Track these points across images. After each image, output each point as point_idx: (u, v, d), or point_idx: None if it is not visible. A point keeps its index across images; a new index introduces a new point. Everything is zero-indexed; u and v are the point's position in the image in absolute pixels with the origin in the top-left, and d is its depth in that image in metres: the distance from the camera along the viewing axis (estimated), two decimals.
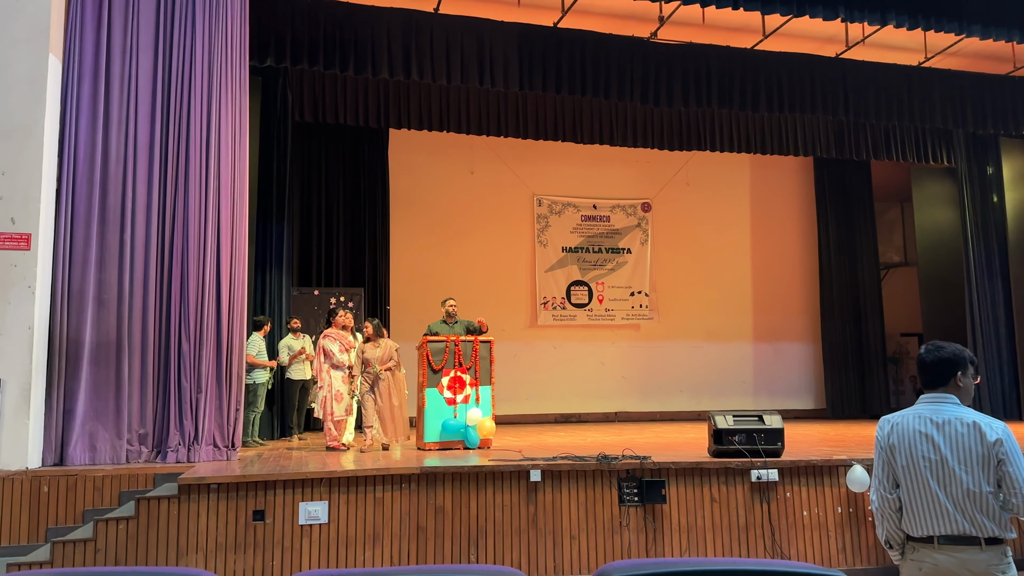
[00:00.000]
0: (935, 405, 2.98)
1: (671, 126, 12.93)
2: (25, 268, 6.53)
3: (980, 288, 13.15)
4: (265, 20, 9.19)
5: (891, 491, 3.01)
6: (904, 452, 2.97)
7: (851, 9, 9.43)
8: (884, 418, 3.13)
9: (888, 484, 3.02)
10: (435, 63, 10.00)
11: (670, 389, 14.32)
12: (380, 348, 8.22)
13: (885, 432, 3.06)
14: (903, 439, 2.98)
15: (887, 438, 3.04)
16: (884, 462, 3.04)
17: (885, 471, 3.04)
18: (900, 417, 3.04)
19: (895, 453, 2.99)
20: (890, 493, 3.01)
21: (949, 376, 2.98)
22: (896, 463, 2.99)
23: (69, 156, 6.96)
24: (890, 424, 3.06)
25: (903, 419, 3.02)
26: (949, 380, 2.99)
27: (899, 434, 3.00)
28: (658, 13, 10.44)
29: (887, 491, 3.02)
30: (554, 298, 14.26)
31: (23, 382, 6.42)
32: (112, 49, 7.20)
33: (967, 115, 12.07)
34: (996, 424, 2.91)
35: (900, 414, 3.06)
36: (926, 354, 3.03)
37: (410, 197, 13.54)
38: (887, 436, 3.04)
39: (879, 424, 3.13)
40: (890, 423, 3.06)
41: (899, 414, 3.06)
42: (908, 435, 2.97)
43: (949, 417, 2.93)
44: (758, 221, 15.35)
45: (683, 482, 6.39)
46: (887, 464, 3.03)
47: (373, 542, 5.91)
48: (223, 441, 7.11)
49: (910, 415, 3.02)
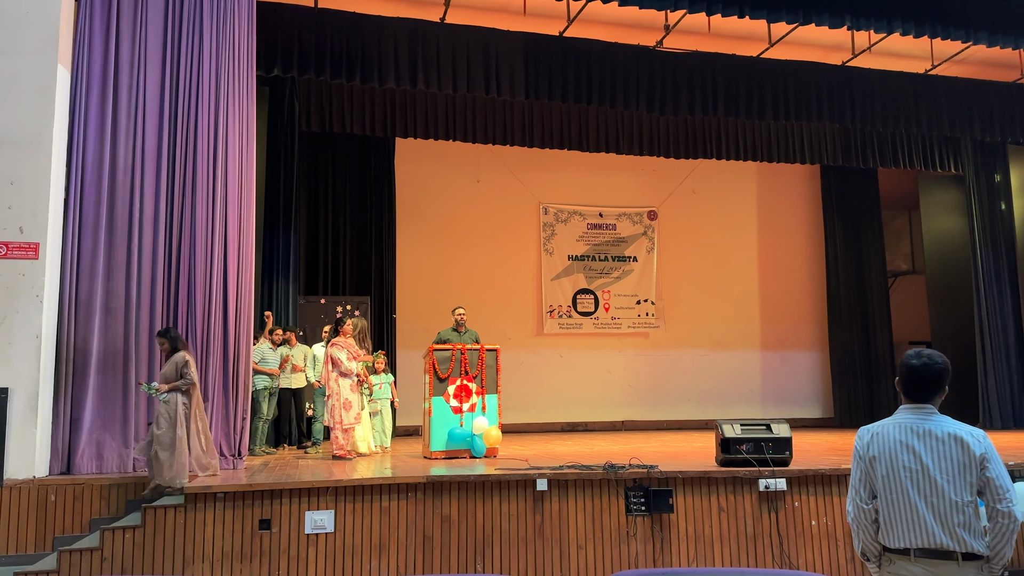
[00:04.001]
0: (917, 415, 2.96)
1: (677, 134, 12.93)
2: (33, 277, 6.56)
3: (988, 296, 13.08)
4: (272, 30, 9.24)
5: (867, 501, 2.98)
6: (884, 462, 2.93)
7: (857, 17, 9.42)
8: (864, 428, 3.09)
9: (865, 494, 2.99)
10: (441, 72, 10.03)
11: (677, 398, 14.27)
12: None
13: (864, 442, 3.02)
14: (883, 449, 2.94)
15: (867, 448, 3.00)
16: (863, 472, 3.00)
17: (863, 481, 3.00)
18: (880, 427, 3.01)
19: (875, 463, 2.96)
20: (866, 504, 2.98)
21: (939, 390, 2.97)
22: (875, 473, 2.96)
23: (77, 166, 7.00)
24: (870, 434, 3.02)
25: (883, 429, 2.99)
26: (937, 394, 2.97)
27: (879, 444, 2.96)
28: (664, 22, 10.47)
29: (863, 501, 2.99)
30: (560, 306, 14.24)
31: (31, 391, 6.44)
32: (120, 60, 7.24)
33: (974, 122, 12.05)
34: (977, 432, 2.89)
35: (880, 424, 3.02)
36: (922, 367, 2.97)
37: (416, 206, 13.56)
38: (867, 446, 3.01)
39: (858, 433, 3.09)
40: (870, 432, 3.03)
41: (879, 424, 3.03)
42: (889, 445, 2.94)
43: (930, 427, 2.91)
44: (765, 229, 15.32)
45: (690, 491, 6.35)
46: (866, 474, 2.99)
47: (379, 551, 5.90)
48: (230, 450, 7.12)
49: (890, 425, 2.99)
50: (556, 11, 10.19)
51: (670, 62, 10.97)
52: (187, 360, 6.38)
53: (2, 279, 6.51)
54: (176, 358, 6.38)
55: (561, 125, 12.50)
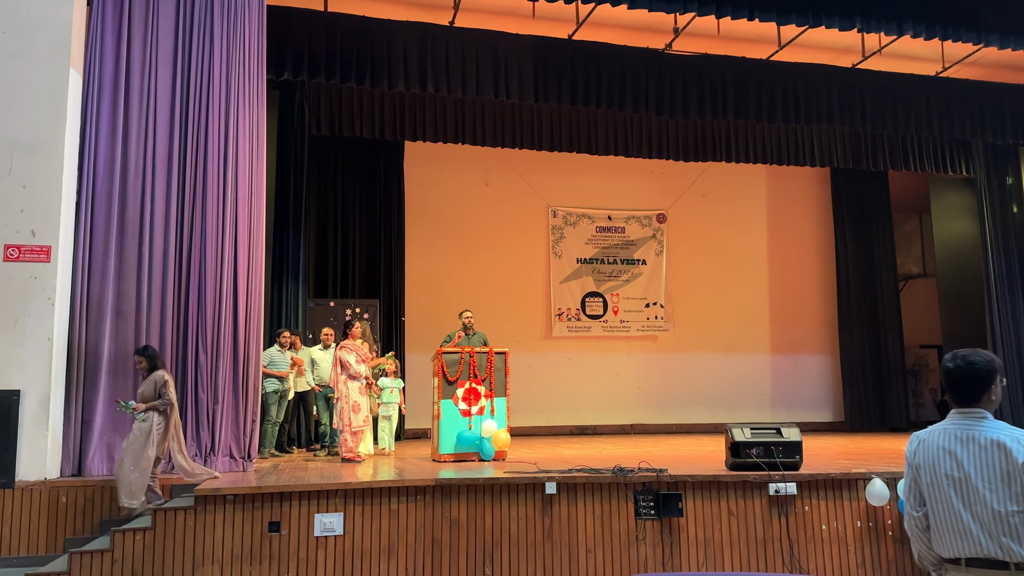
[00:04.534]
0: (963, 420, 2.84)
1: (686, 137, 12.92)
2: (45, 280, 6.60)
3: (1000, 299, 13.00)
4: (282, 34, 9.28)
5: (917, 509, 2.91)
6: (928, 470, 2.86)
7: (867, 19, 9.39)
8: (914, 434, 3.01)
9: (915, 502, 2.92)
10: (450, 76, 10.06)
11: (686, 401, 14.23)
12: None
13: (912, 448, 2.96)
14: (927, 456, 2.87)
15: (913, 455, 2.94)
16: (911, 479, 2.94)
17: (912, 489, 2.93)
18: (928, 433, 2.93)
19: (920, 472, 2.89)
20: (916, 511, 2.91)
21: (982, 392, 2.83)
22: (922, 481, 2.89)
23: (89, 169, 7.05)
24: (918, 440, 2.95)
25: (929, 435, 2.91)
26: (982, 396, 2.83)
27: (924, 451, 2.89)
28: (673, 24, 10.46)
29: (913, 509, 2.92)
30: (569, 309, 14.23)
31: (42, 393, 6.48)
32: (131, 64, 7.29)
33: (986, 125, 11.99)
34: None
35: (929, 430, 2.94)
36: (956, 370, 2.85)
37: (425, 209, 13.58)
38: (913, 453, 2.94)
39: (909, 440, 3.02)
40: (918, 439, 2.95)
41: (928, 430, 2.94)
42: (932, 452, 2.86)
43: (973, 433, 2.79)
44: (775, 232, 15.27)
45: (700, 495, 6.33)
46: (914, 481, 2.92)
47: (388, 555, 5.90)
48: (239, 452, 7.14)
49: (936, 431, 2.90)
50: (565, 14, 10.20)
51: (679, 65, 10.96)
52: (166, 380, 6.27)
53: (14, 282, 6.55)
54: (155, 377, 6.28)
55: (570, 128, 12.51)
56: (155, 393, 6.25)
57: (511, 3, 9.94)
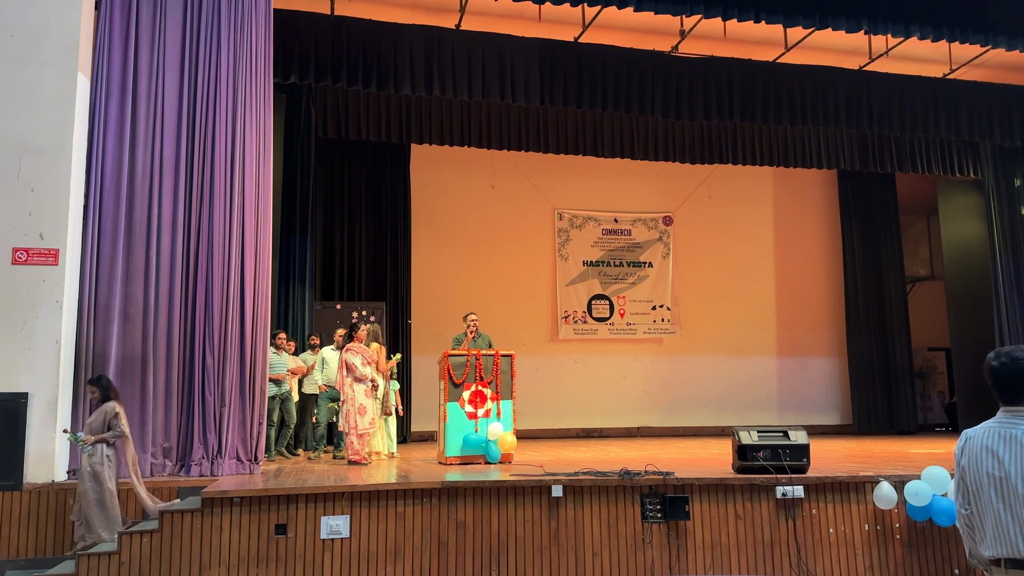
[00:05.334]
0: (1009, 418, 2.79)
1: (693, 139, 12.91)
2: (53, 283, 6.62)
3: (1009, 301, 12.94)
4: (289, 38, 9.31)
5: (965, 507, 2.88)
6: (972, 469, 2.82)
7: (874, 21, 9.37)
8: (964, 432, 2.95)
9: (963, 500, 2.88)
10: (457, 79, 10.07)
11: (693, 404, 14.20)
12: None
13: (959, 447, 2.91)
14: (972, 455, 2.83)
15: (960, 453, 2.89)
16: (959, 477, 2.89)
17: (960, 488, 2.89)
18: (974, 432, 2.88)
19: (966, 471, 2.85)
20: (964, 509, 2.88)
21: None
22: (967, 479, 2.85)
23: (96, 173, 7.08)
24: (965, 438, 2.90)
25: (976, 433, 2.86)
26: None
27: (969, 449, 2.85)
28: (679, 27, 10.46)
29: (962, 507, 2.89)
30: (575, 312, 14.23)
31: (50, 396, 6.51)
32: (139, 68, 7.32)
33: (994, 127, 11.95)
34: None
35: (976, 428, 2.89)
36: (1000, 368, 2.79)
37: (431, 212, 13.60)
38: (960, 451, 2.90)
39: (959, 437, 2.97)
40: (965, 437, 2.90)
41: (976, 428, 2.89)
42: (976, 451, 2.82)
43: (1016, 432, 2.74)
44: (781, 234, 15.24)
45: (707, 498, 6.31)
46: (961, 480, 2.88)
47: (394, 557, 5.90)
48: (246, 455, 7.15)
49: (982, 429, 2.84)
50: (571, 17, 10.20)
51: (686, 67, 10.95)
52: (117, 412, 6.02)
53: (22, 285, 6.58)
54: (105, 408, 6.03)
55: (576, 131, 12.51)
56: (104, 425, 6.01)
57: (517, 6, 9.95)
